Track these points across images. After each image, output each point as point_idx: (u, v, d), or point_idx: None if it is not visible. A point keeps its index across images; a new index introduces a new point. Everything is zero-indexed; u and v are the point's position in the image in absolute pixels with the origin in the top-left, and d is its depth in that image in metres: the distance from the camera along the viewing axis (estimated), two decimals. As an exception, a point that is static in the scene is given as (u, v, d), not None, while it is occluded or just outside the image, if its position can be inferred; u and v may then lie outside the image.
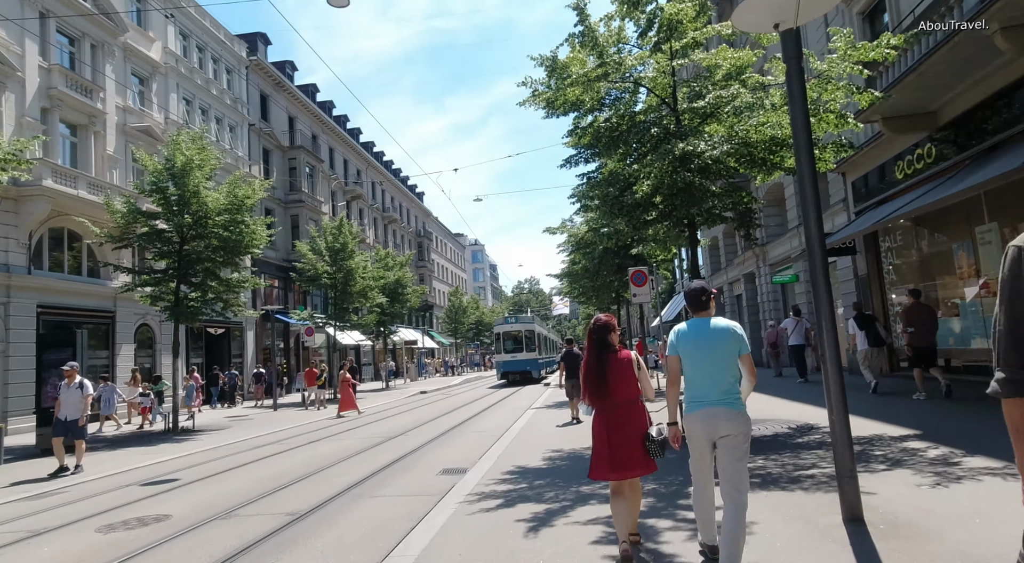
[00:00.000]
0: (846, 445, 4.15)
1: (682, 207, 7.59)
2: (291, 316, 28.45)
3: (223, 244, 16.32)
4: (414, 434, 12.24)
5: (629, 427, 3.80)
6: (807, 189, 4.42)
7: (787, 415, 9.45)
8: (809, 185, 4.43)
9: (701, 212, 7.85)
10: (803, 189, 4.45)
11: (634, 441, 3.77)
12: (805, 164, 4.44)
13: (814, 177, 4.46)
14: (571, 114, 9.07)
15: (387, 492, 7.01)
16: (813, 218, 4.40)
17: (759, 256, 20.96)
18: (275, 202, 33.35)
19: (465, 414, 16.02)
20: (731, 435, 3.33)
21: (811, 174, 4.44)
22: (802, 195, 4.47)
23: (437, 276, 65.24)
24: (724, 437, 3.34)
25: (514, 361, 30.18)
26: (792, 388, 13.73)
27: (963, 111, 9.80)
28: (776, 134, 8.13)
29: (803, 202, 4.46)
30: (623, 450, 3.76)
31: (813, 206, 4.41)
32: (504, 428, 11.93)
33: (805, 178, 4.43)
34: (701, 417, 3.41)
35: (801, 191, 4.46)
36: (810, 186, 4.42)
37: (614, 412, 3.84)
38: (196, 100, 26.92)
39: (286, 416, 18.95)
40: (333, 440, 12.14)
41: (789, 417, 9.23)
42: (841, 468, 4.15)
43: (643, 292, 12.81)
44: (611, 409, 3.85)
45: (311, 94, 39.73)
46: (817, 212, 4.43)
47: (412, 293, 34.95)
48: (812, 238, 4.41)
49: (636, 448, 3.76)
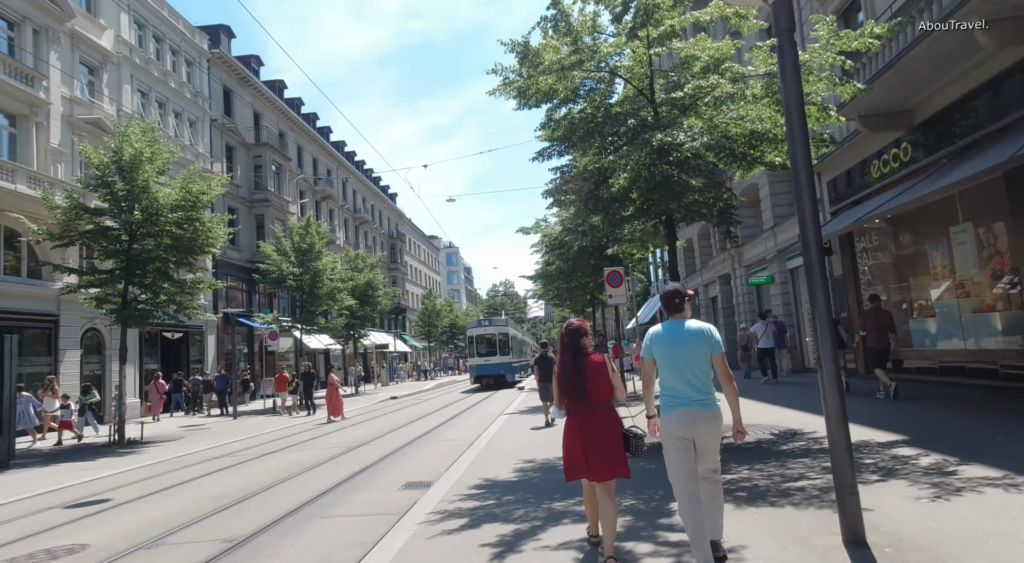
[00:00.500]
0: (846, 457, 3.71)
1: (660, 202, 7.16)
2: (255, 320, 27.40)
3: (176, 243, 15.45)
4: (379, 444, 11.60)
5: (605, 429, 3.81)
6: (801, 175, 3.99)
7: (768, 420, 9.09)
8: (804, 170, 4.00)
9: (680, 208, 7.42)
10: (797, 175, 4.01)
11: (610, 443, 3.79)
12: (799, 147, 4.01)
13: (808, 160, 4.03)
14: (544, 106, 8.59)
15: (341, 512, 6.39)
16: (808, 208, 3.98)
17: (734, 258, 20.80)
18: (239, 201, 32.25)
19: (435, 421, 15.40)
20: (705, 434, 3.44)
21: (805, 157, 4.01)
22: (796, 182, 4.03)
23: (410, 278, 64.29)
24: (700, 435, 3.44)
25: (488, 365, 29.61)
26: (767, 390, 13.46)
27: (939, 109, 9.61)
28: (756, 128, 7.77)
29: (797, 190, 4.03)
30: (599, 452, 3.75)
31: (808, 195, 3.98)
32: (474, 436, 11.38)
33: (799, 163, 4.00)
34: (678, 417, 3.45)
35: (795, 177, 4.03)
36: (804, 171, 3.99)
37: (589, 415, 3.84)
38: (152, 93, 25.78)
39: (246, 425, 18.06)
40: (290, 452, 11.42)
41: (770, 422, 8.87)
42: (841, 483, 3.70)
43: (619, 293, 12.39)
44: (586, 412, 3.85)
45: (278, 90, 38.65)
46: (812, 200, 4.00)
47: (383, 295, 34.12)
48: (807, 229, 3.98)
49: (612, 450, 3.78)
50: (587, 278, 17.35)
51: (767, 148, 7.99)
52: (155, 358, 25.57)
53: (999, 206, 9.21)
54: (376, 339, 44.08)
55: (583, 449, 3.78)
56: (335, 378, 18.13)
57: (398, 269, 57.73)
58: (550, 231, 17.34)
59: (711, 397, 3.47)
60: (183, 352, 27.64)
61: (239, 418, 20.79)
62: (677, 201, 7.13)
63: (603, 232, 7.86)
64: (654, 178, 6.87)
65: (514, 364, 30.63)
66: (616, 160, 7.25)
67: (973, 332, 9.95)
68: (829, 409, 3.80)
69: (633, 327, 34.72)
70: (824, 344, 3.87)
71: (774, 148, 7.94)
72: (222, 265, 30.14)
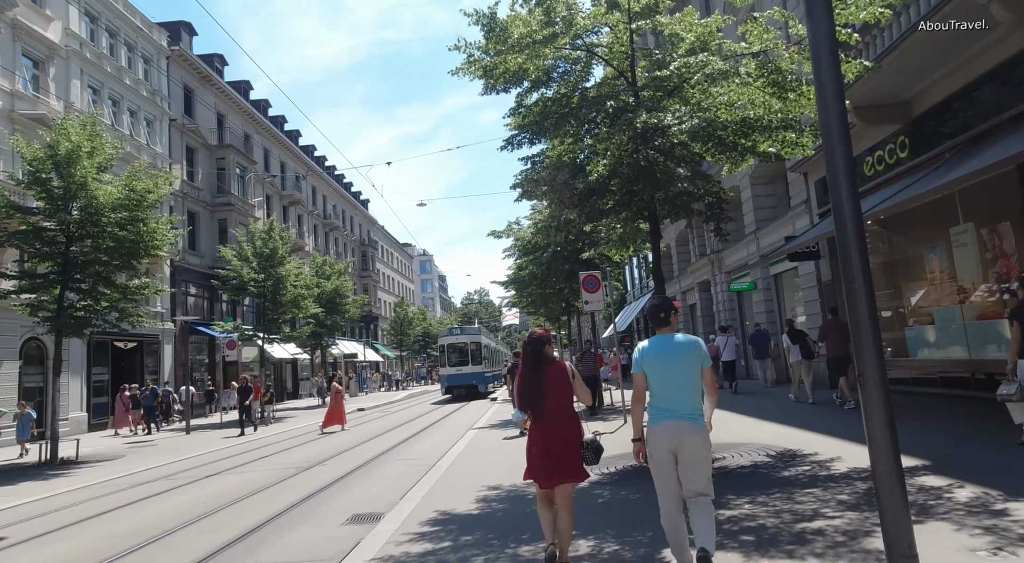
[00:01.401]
0: (901, 510, 2.81)
1: (644, 192, 6.29)
2: (214, 328, 25.94)
3: (118, 245, 14.16)
4: (333, 464, 10.49)
5: (563, 437, 3.89)
6: (835, 140, 3.13)
7: (759, 437, 8.25)
8: (838, 134, 3.14)
9: (665, 200, 6.57)
10: (830, 143, 3.15)
11: (568, 450, 3.87)
12: (832, 105, 3.16)
13: (844, 121, 3.17)
14: (513, 90, 7.71)
15: (267, 556, 5.33)
16: (845, 182, 3.11)
17: (715, 263, 20.15)
18: (200, 204, 30.79)
19: (399, 436, 14.30)
20: (694, 450, 3.40)
21: (839, 116, 3.15)
22: (829, 152, 3.17)
23: (383, 286, 62.84)
24: (686, 451, 3.40)
25: (459, 375, 28.50)
26: (753, 403, 12.70)
27: (941, 99, 8.96)
28: (748, 115, 6.98)
29: (830, 161, 3.16)
30: (555, 458, 3.84)
31: (845, 166, 3.12)
32: (439, 454, 10.36)
33: (832, 124, 3.14)
34: (665, 429, 3.43)
35: (828, 146, 3.16)
36: (839, 135, 3.13)
37: (549, 423, 3.91)
38: (105, 89, 24.34)
39: (198, 441, 16.73)
40: (235, 473, 10.25)
41: (762, 439, 8.04)
42: (895, 545, 2.80)
43: (595, 299, 11.53)
44: (546, 419, 3.93)
45: (243, 91, 37.26)
46: (849, 169, 3.14)
47: (351, 303, 32.85)
48: (843, 208, 3.12)
49: (569, 457, 3.85)
50: (562, 284, 16.49)
51: (759, 137, 7.22)
52: (105, 369, 23.96)
53: (1007, 204, 8.57)
54: (345, 348, 42.62)
55: (540, 455, 3.89)
56: (339, 386, 17.46)
57: (369, 276, 56.30)
58: (523, 234, 16.44)
59: (699, 413, 3.46)
60: (137, 362, 26.05)
61: (192, 433, 19.41)
62: (664, 191, 6.27)
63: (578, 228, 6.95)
64: (637, 164, 6.01)
65: (487, 374, 29.58)
66: (595, 144, 6.37)
67: (976, 340, 9.29)
68: (877, 446, 2.91)
69: (610, 335, 33.98)
70: (868, 358, 2.98)
71: (767, 137, 7.17)
72: (181, 271, 28.65)
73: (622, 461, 7.58)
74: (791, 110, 7.11)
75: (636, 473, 6.81)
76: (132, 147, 25.34)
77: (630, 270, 36.11)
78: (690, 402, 3.44)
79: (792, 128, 7.16)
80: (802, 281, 13.96)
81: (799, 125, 7.30)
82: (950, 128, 8.88)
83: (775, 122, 7.05)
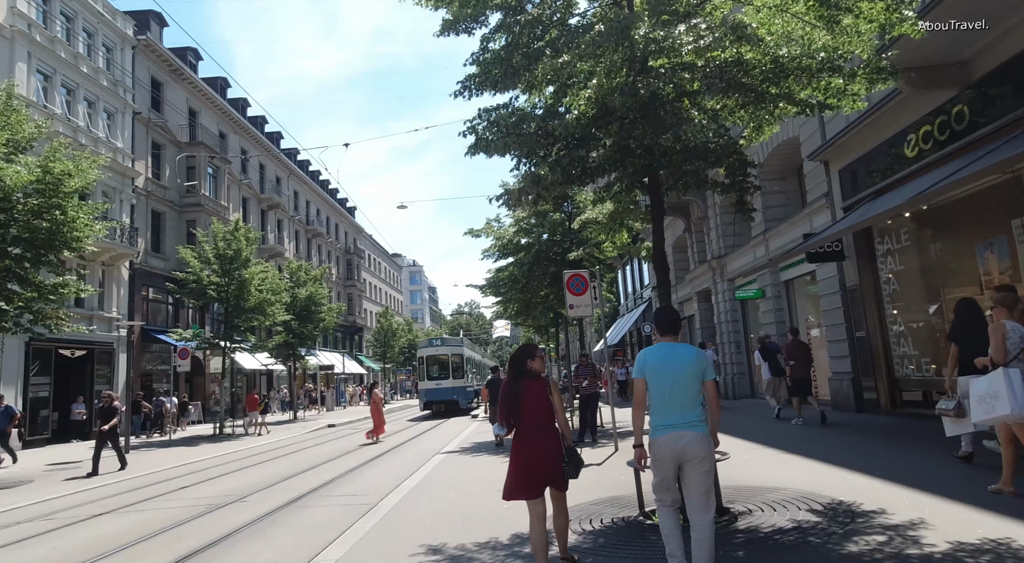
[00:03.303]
0: None
1: (643, 136, 4.45)
2: (170, 335, 23.84)
3: (31, 236, 12.21)
4: (254, 501, 8.49)
5: (544, 447, 3.94)
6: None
7: (793, 479, 6.34)
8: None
9: (672, 155, 4.72)
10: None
11: (547, 462, 3.92)
12: None
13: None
14: (478, 32, 5.89)
15: None
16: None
17: (716, 270, 18.32)
18: (166, 204, 28.85)
19: (353, 461, 12.28)
20: (697, 459, 3.38)
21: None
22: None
23: (368, 296, 60.77)
24: (690, 461, 3.38)
25: (439, 389, 26.49)
26: (755, 427, 10.82)
27: (1012, 56, 7.20)
28: (781, 54, 5.20)
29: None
30: (535, 467, 3.91)
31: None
32: (386, 490, 8.40)
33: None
34: (669, 440, 3.41)
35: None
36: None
37: (528, 435, 3.99)
38: (58, 76, 22.46)
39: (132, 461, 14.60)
40: (123, 514, 8.21)
41: (793, 482, 6.13)
42: None
43: (582, 303, 9.64)
44: (526, 432, 4.00)
45: (219, 88, 35.42)
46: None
47: (327, 312, 30.80)
48: None
49: (549, 465, 3.91)
50: (547, 289, 14.60)
51: (794, 85, 5.40)
52: (47, 378, 21.81)
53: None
54: (323, 359, 40.48)
55: (517, 469, 3.98)
56: (379, 394, 16.78)
57: (354, 286, 54.27)
58: (503, 233, 14.58)
59: (701, 420, 3.43)
60: (87, 372, 23.91)
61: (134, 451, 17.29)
62: (673, 134, 4.42)
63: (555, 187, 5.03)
64: (634, 94, 4.17)
65: (468, 389, 27.57)
66: (576, 64, 4.51)
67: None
68: None
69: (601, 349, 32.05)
70: None
71: (807, 81, 5.35)
72: (142, 274, 26.61)
73: (610, 510, 5.68)
74: (840, 45, 5.32)
75: (630, 532, 4.91)
76: (88, 139, 23.44)
77: (623, 279, 34.26)
78: (691, 410, 3.41)
79: (839, 71, 5.37)
80: (821, 287, 12.11)
81: (849, 66, 5.50)
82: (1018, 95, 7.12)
83: (815, 65, 5.26)
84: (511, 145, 4.89)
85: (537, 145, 4.89)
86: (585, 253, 12.88)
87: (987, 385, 4.85)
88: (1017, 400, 4.58)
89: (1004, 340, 4.81)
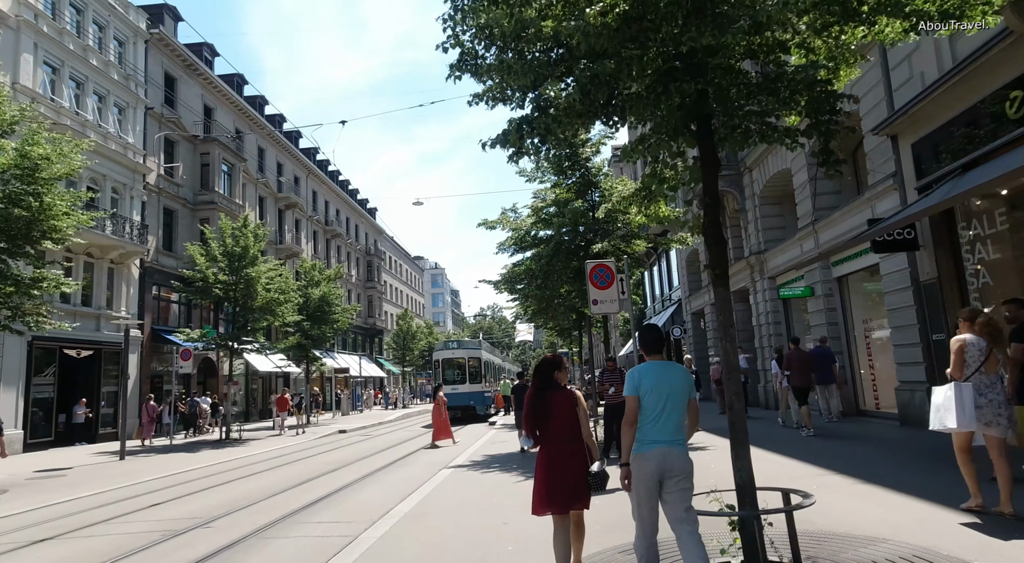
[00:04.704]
0: None
1: (693, 39, 3.06)
2: (176, 335, 22.99)
3: (7, 225, 11.25)
4: (219, 526, 7.24)
5: (568, 463, 3.90)
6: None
7: (881, 520, 4.85)
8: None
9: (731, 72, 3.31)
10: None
11: (572, 476, 3.88)
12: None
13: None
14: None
15: None
16: None
17: (754, 267, 16.68)
18: (179, 202, 28.15)
19: (349, 475, 11.00)
20: (680, 476, 3.44)
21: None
22: None
23: (389, 298, 59.94)
24: (673, 477, 3.44)
25: (455, 394, 25.14)
26: (813, 448, 9.26)
27: None
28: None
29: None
30: (562, 484, 3.88)
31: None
32: (377, 514, 7.12)
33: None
34: (655, 456, 3.46)
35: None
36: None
37: (554, 447, 3.96)
38: (66, 68, 21.82)
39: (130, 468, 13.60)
40: (68, 540, 7.03)
41: (896, 529, 4.64)
42: None
43: (607, 297, 8.23)
44: (551, 444, 3.97)
45: (236, 85, 34.77)
46: None
47: (341, 312, 29.76)
48: None
49: (575, 482, 3.87)
50: (567, 286, 13.17)
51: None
52: (51, 379, 21.09)
53: None
54: (340, 362, 39.56)
55: (545, 481, 3.93)
56: (443, 397, 16.14)
57: (375, 288, 53.42)
58: (519, 224, 13.20)
59: (683, 439, 3.54)
60: (95, 373, 23.18)
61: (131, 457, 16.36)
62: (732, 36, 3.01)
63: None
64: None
65: (487, 394, 26.23)
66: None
67: None
68: None
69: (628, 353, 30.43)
70: None
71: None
72: (152, 273, 25.88)
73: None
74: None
75: None
76: (98, 134, 22.78)
77: (649, 281, 32.58)
78: (678, 429, 3.52)
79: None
80: (886, 283, 10.46)
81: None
82: None
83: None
84: (514, 70, 3.52)
85: (547, 69, 3.52)
86: (611, 245, 11.46)
87: (942, 398, 4.97)
88: (964, 416, 4.72)
89: (963, 355, 4.88)
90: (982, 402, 4.74)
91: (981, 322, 4.90)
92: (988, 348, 4.82)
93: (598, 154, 13.18)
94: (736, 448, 3.86)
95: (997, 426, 4.72)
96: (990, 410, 4.73)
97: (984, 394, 4.76)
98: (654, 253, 27.73)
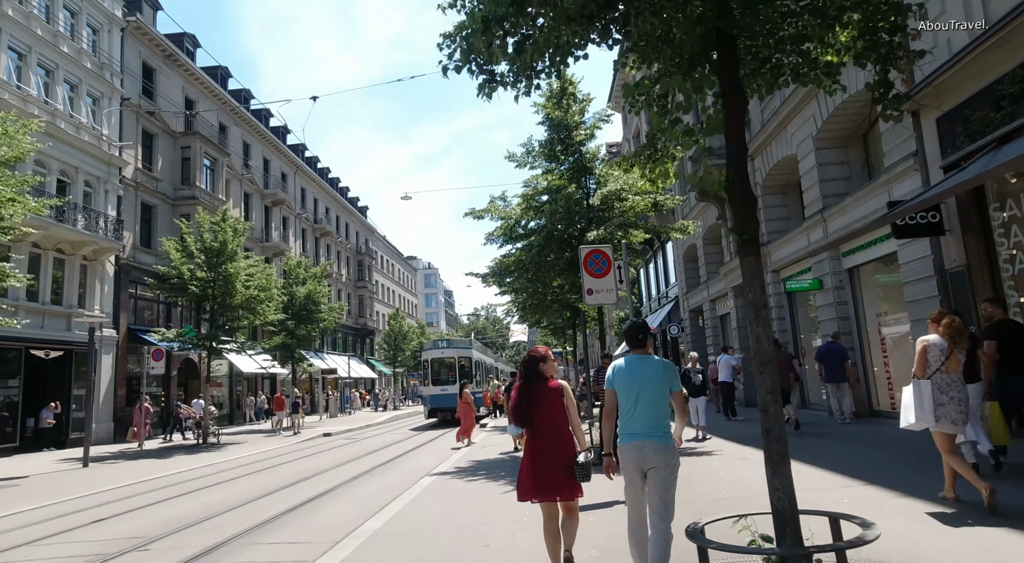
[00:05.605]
0: None
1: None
2: (151, 335, 21.98)
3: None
4: (159, 548, 6.32)
5: (554, 453, 3.95)
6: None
7: (957, 552, 3.97)
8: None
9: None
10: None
11: (558, 466, 3.92)
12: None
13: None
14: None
15: None
16: None
17: (756, 260, 15.85)
18: (158, 196, 27.14)
19: (319, 486, 10.05)
20: (658, 467, 3.46)
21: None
22: None
23: (380, 298, 58.92)
24: (652, 468, 3.47)
25: (445, 395, 24.25)
26: (840, 455, 8.41)
27: None
28: None
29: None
30: (545, 474, 3.93)
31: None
32: (341, 532, 6.22)
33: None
34: (631, 449, 3.53)
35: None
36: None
37: (540, 437, 4.02)
38: (34, 54, 20.79)
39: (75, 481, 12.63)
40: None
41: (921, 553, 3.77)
42: None
43: (603, 286, 7.38)
44: (538, 435, 4.03)
45: (220, 78, 33.74)
46: None
47: (327, 311, 28.80)
48: None
49: (559, 472, 3.91)
50: (561, 279, 12.29)
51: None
52: (17, 381, 20.07)
53: None
54: (328, 362, 38.54)
55: (530, 470, 3.98)
56: (469, 394, 15.62)
57: (366, 287, 52.40)
58: (508, 213, 12.33)
59: (665, 431, 3.54)
60: (65, 375, 22.11)
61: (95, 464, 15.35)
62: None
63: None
64: None
65: (478, 395, 25.28)
66: None
67: None
68: None
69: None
70: None
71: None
72: (128, 270, 24.81)
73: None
74: None
75: None
76: (69, 125, 21.76)
77: (645, 278, 31.73)
78: (656, 421, 3.51)
79: None
80: (906, 272, 9.61)
81: None
82: None
83: None
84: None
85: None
86: (607, 232, 10.58)
87: (907, 396, 5.14)
88: (924, 412, 4.92)
89: (925, 354, 5.10)
90: (944, 399, 4.93)
91: (945, 323, 5.14)
92: (949, 348, 5.04)
93: (593, 139, 12.36)
94: (774, 462, 3.00)
95: (955, 424, 4.94)
96: (953, 407, 4.92)
97: (945, 392, 4.96)
98: (650, 249, 26.88)
